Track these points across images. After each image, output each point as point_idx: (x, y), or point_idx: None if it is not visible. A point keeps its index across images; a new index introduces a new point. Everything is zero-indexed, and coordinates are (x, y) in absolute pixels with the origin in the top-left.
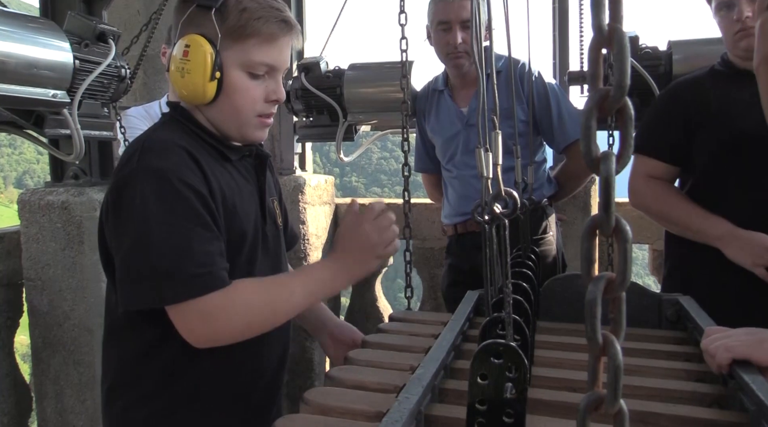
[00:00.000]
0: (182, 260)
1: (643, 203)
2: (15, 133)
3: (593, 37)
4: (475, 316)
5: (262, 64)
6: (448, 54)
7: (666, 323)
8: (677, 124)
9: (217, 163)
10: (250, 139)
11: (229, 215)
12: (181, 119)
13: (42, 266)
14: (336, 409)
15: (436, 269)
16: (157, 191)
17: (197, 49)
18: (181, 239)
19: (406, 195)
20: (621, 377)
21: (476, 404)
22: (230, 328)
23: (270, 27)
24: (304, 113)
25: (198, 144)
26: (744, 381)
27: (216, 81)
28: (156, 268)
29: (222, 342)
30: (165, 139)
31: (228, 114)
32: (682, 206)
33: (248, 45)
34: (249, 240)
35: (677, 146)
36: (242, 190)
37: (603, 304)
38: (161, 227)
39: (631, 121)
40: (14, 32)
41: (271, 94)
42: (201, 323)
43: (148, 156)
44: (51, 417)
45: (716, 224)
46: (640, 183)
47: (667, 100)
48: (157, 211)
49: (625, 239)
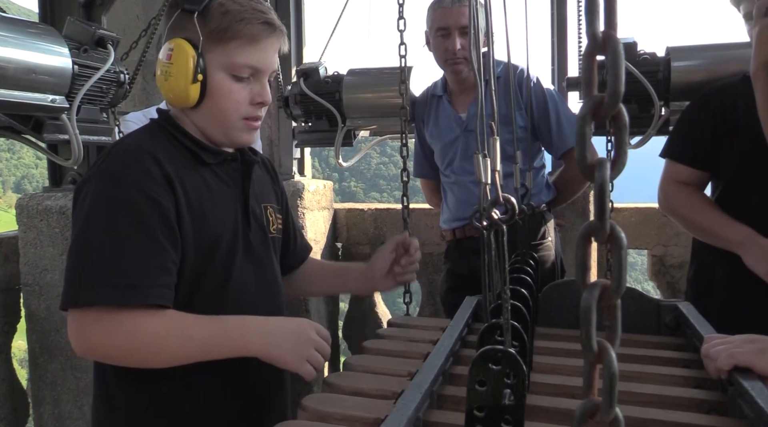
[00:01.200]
0: (104, 266)
1: (671, 208)
2: (14, 138)
3: (587, 44)
4: (474, 322)
5: (245, 66)
6: (446, 60)
7: (665, 330)
8: (706, 131)
9: (191, 169)
10: (238, 142)
11: (198, 221)
12: (163, 124)
13: (40, 270)
14: (334, 415)
15: (435, 275)
16: (107, 196)
17: (180, 51)
18: (113, 246)
19: (405, 200)
20: (616, 384)
21: (474, 410)
22: (106, 350)
23: (252, 28)
24: (302, 118)
25: (173, 147)
26: (743, 388)
27: (198, 83)
28: (79, 271)
29: (97, 359)
30: (133, 144)
31: (213, 117)
32: (707, 213)
33: (231, 47)
34: (224, 246)
35: (705, 153)
36: (216, 195)
37: (599, 311)
38: (98, 231)
39: (625, 128)
40: (13, 37)
41: (256, 97)
42: (82, 333)
43: (110, 160)
44: (48, 423)
45: (739, 230)
46: (670, 188)
47: (698, 107)
48: (101, 216)
49: (620, 246)
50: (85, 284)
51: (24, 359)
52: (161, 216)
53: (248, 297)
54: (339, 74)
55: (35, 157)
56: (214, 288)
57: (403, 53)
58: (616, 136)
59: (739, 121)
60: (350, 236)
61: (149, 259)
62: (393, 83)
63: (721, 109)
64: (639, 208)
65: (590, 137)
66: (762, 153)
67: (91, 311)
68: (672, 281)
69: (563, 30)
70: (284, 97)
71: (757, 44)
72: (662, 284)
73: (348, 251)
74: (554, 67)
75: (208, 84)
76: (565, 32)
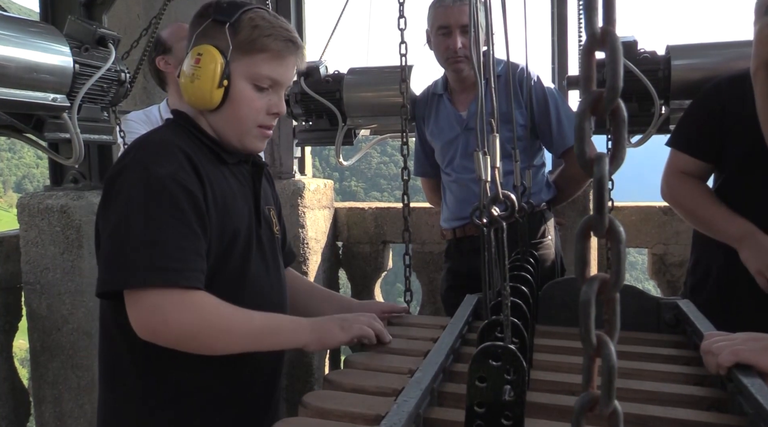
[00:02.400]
0: (151, 250)
1: (674, 199)
2: (15, 137)
3: (586, 40)
4: (474, 319)
5: (267, 77)
6: (447, 59)
7: (665, 327)
8: (712, 123)
9: (213, 166)
10: (250, 148)
11: (221, 214)
12: (182, 123)
13: (41, 269)
14: (334, 412)
15: (436, 273)
16: (145, 184)
17: (209, 57)
18: (156, 231)
19: (406, 199)
20: (615, 377)
21: (475, 406)
22: (176, 328)
23: (278, 44)
24: (303, 117)
25: (196, 146)
26: (743, 384)
27: (223, 89)
28: (125, 254)
29: (163, 341)
30: (162, 139)
31: (231, 122)
32: (708, 206)
33: (257, 59)
34: (242, 239)
35: (710, 144)
36: (236, 193)
37: (598, 305)
38: (140, 217)
39: (624, 124)
40: (14, 36)
41: (273, 107)
42: (149, 313)
43: (143, 153)
44: (49, 422)
45: (739, 225)
46: (674, 179)
47: (705, 98)
48: (141, 203)
49: (619, 240)
50: (132, 266)
51: (25, 358)
52: (195, 205)
53: (261, 290)
54: (339, 73)
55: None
56: (233, 279)
57: (403, 52)
58: (615, 131)
59: (747, 113)
60: (351, 235)
61: (188, 245)
62: (393, 82)
63: (731, 101)
64: (639, 207)
65: (589, 132)
66: (763, 150)
67: (149, 293)
68: (672, 280)
69: (564, 28)
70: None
71: (757, 43)
72: (662, 282)
73: (348, 249)
74: (555, 65)
75: (231, 90)
76: (566, 31)
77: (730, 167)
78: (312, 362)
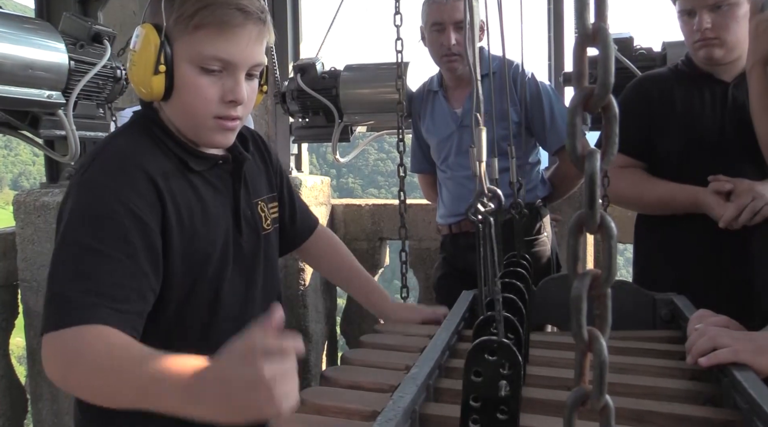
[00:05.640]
0: (74, 286)
1: (617, 191)
2: (10, 134)
3: (577, 36)
4: (470, 316)
5: (214, 58)
6: (441, 55)
7: (660, 322)
8: (643, 121)
9: (180, 176)
10: (210, 143)
11: (187, 236)
12: (148, 124)
13: (37, 267)
14: (331, 408)
15: (432, 270)
16: (90, 210)
17: (143, 38)
18: (90, 264)
19: (402, 195)
20: (606, 372)
21: (470, 401)
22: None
23: (221, 16)
24: (299, 114)
25: (161, 153)
26: (737, 380)
27: (162, 75)
28: (53, 293)
29: (65, 388)
30: (121, 152)
31: (183, 114)
32: (658, 184)
33: (198, 36)
34: (216, 256)
35: (642, 142)
36: (208, 205)
37: (590, 300)
38: (75, 249)
39: (615, 119)
40: (9, 33)
41: (228, 94)
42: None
43: (97, 169)
44: (46, 419)
45: (696, 188)
46: (612, 173)
47: (633, 96)
48: (81, 233)
49: (610, 235)
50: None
51: (22, 356)
52: (145, 237)
53: (240, 307)
54: (336, 70)
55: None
56: (206, 301)
57: (399, 49)
58: (606, 126)
59: (675, 110)
60: (348, 232)
61: (126, 283)
62: (390, 79)
63: (658, 99)
64: None
65: (581, 128)
66: (698, 142)
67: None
68: None
69: (560, 25)
70: (281, 93)
71: (754, 40)
72: None
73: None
74: (551, 62)
75: (175, 77)
76: (562, 27)
77: (664, 166)
78: (309, 358)
